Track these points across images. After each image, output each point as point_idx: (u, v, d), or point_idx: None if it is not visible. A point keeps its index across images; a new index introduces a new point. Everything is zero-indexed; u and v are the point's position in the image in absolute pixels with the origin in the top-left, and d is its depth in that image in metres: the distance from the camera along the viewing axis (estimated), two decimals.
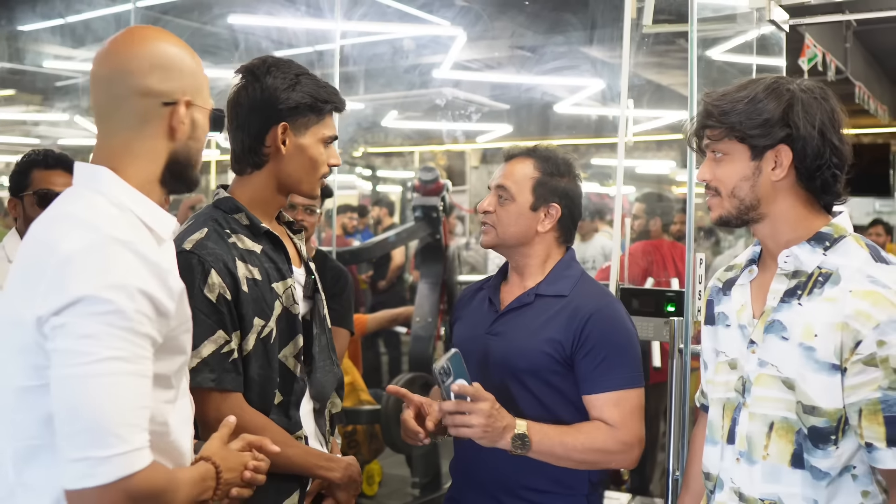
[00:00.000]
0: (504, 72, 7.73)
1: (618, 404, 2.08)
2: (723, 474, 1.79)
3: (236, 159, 2.03)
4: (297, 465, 1.96)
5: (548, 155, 2.23)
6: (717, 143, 1.74)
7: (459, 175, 12.72)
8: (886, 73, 10.16)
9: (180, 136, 1.54)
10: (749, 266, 1.85)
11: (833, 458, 1.65)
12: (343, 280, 3.48)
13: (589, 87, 7.39)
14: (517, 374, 2.12)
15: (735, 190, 1.73)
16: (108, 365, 1.29)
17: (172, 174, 1.55)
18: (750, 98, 1.69)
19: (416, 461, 5.07)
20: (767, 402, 1.70)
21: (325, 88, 2.02)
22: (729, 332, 1.83)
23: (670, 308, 3.11)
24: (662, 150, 12.29)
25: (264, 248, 1.99)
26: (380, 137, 11.45)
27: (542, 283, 2.20)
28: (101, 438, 1.27)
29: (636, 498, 4.42)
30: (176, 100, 1.52)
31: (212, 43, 6.47)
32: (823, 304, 1.65)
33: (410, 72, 6.79)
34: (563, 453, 2.03)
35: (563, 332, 2.10)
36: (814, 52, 5.96)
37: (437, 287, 5.05)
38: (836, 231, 1.71)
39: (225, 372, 1.86)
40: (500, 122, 9.17)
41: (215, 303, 1.85)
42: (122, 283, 1.32)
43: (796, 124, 1.67)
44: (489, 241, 2.24)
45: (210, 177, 11.69)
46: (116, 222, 1.41)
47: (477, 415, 1.93)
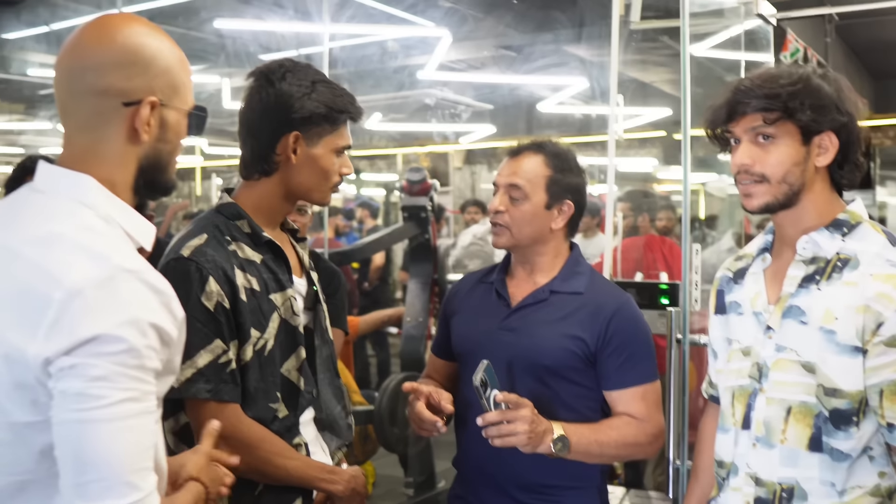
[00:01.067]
0: (488, 72, 7.76)
1: (644, 398, 2.10)
2: (737, 460, 1.81)
3: (245, 164, 1.96)
4: (296, 478, 1.91)
5: (557, 151, 2.19)
6: (768, 127, 1.70)
7: (443, 176, 12.73)
8: (866, 67, 10.27)
9: (146, 139, 1.40)
10: (762, 254, 1.86)
11: (854, 440, 1.68)
12: (336, 280, 3.48)
13: (573, 86, 7.42)
14: (538, 370, 2.11)
15: (786, 175, 1.70)
16: (120, 408, 1.22)
17: (145, 180, 1.43)
18: (805, 82, 1.68)
19: (409, 461, 5.08)
20: (786, 386, 1.72)
21: (342, 97, 1.94)
22: (742, 319, 1.84)
23: (664, 301, 3.14)
24: (645, 148, 12.35)
25: (264, 258, 1.93)
26: (364, 140, 11.46)
27: (555, 280, 2.18)
28: (114, 488, 1.21)
29: (631, 491, 4.45)
30: (138, 99, 1.38)
31: (199, 48, 6.45)
32: (843, 288, 1.67)
33: (399, 73, 6.81)
34: (599, 451, 2.05)
35: (587, 330, 2.10)
36: (796, 46, 6.02)
37: (428, 286, 5.06)
38: (853, 218, 1.74)
39: (222, 382, 1.81)
40: (483, 122, 9.20)
41: (213, 311, 1.80)
42: (134, 319, 1.25)
43: (849, 112, 1.70)
44: (503, 243, 2.18)
45: (195, 183, 11.66)
46: (118, 247, 1.32)
47: (521, 421, 1.91)
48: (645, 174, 13.04)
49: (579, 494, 2.16)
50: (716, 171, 9.70)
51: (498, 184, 2.21)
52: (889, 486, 1.70)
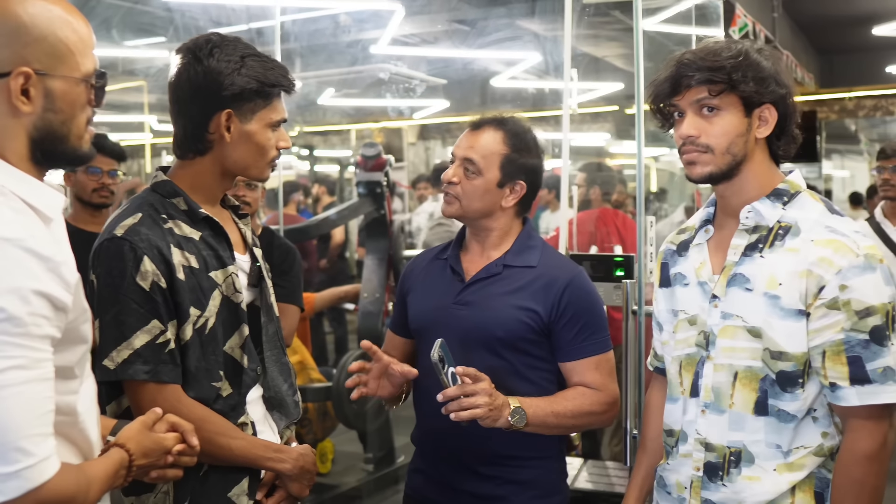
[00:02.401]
0: (442, 46, 7.72)
1: (597, 368, 2.13)
2: (686, 427, 1.86)
3: (178, 144, 1.92)
4: (241, 457, 1.89)
5: (517, 129, 2.20)
6: (712, 99, 1.75)
7: (397, 151, 12.71)
8: (812, 42, 10.42)
9: (27, 109, 1.35)
10: (704, 226, 1.91)
11: (800, 401, 1.74)
12: (291, 257, 3.47)
13: (527, 61, 7.42)
14: (492, 343, 2.13)
15: (730, 146, 1.76)
16: (6, 376, 1.22)
17: (43, 152, 1.40)
18: (745, 55, 1.74)
19: (369, 437, 5.10)
20: (733, 352, 1.78)
21: (273, 70, 1.90)
22: (688, 290, 1.89)
23: (619, 273, 3.18)
24: (598, 123, 12.43)
25: (203, 235, 1.89)
26: (317, 116, 11.37)
27: (508, 254, 2.20)
28: (5, 454, 1.22)
29: (588, 462, 4.51)
30: (8, 71, 1.33)
31: (147, 21, 6.32)
32: (786, 254, 1.73)
33: (352, 47, 6.75)
34: (556, 422, 2.07)
35: (540, 302, 2.12)
36: (744, 21, 6.10)
37: (384, 262, 5.06)
38: (793, 187, 1.80)
39: (161, 363, 1.79)
40: (437, 97, 9.17)
41: (149, 291, 1.77)
42: (13, 287, 1.23)
43: (787, 85, 1.77)
44: (452, 212, 2.20)
45: (144, 161, 11.49)
46: (2, 215, 1.29)
47: (480, 394, 1.94)
48: (598, 148, 13.13)
49: (537, 465, 2.19)
50: (667, 145, 9.80)
51: (455, 155, 2.22)
52: (831, 445, 1.77)
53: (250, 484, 1.94)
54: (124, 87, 8.94)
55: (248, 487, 1.93)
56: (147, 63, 8.04)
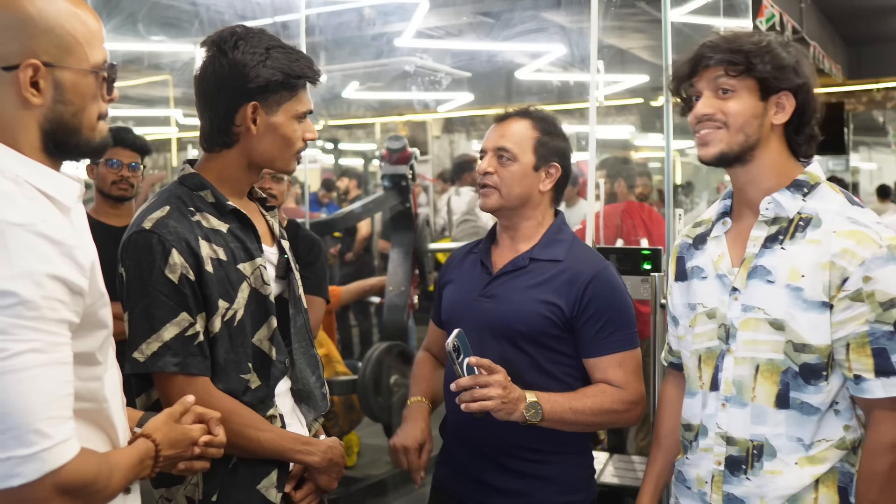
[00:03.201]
0: (466, 39, 7.70)
1: (621, 365, 2.12)
2: (706, 421, 1.85)
3: (204, 137, 1.93)
4: (270, 450, 1.89)
5: (543, 115, 2.23)
6: (731, 79, 1.77)
7: (422, 144, 12.70)
8: (840, 32, 10.29)
9: (38, 101, 1.38)
10: (722, 219, 1.91)
11: (824, 394, 1.74)
12: (316, 249, 3.48)
13: (552, 53, 7.38)
14: (513, 336, 2.13)
15: (744, 125, 1.78)
16: (21, 359, 1.23)
17: (55, 143, 1.41)
18: (766, 43, 1.77)
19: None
20: (755, 344, 1.77)
21: (299, 62, 1.90)
22: (706, 283, 1.89)
23: (647, 266, 3.15)
24: (622, 115, 12.35)
25: (231, 227, 1.90)
26: (342, 109, 11.38)
27: (535, 247, 2.20)
28: (21, 437, 1.23)
29: (614, 456, 4.49)
30: (15, 64, 1.35)
31: (172, 16, 6.34)
32: (807, 246, 1.73)
33: (377, 40, 6.74)
34: (574, 419, 2.06)
35: (563, 297, 2.12)
36: (771, 12, 6.03)
37: (410, 255, 5.06)
38: (812, 178, 1.80)
39: (190, 356, 1.80)
40: (461, 90, 9.14)
41: (177, 284, 1.79)
42: (26, 271, 1.25)
43: (806, 75, 1.78)
44: (492, 204, 2.20)
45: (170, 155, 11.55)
46: (14, 202, 1.30)
47: (494, 386, 1.94)
48: (623, 141, 13.04)
49: (563, 460, 2.18)
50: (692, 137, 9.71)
51: (486, 149, 2.23)
52: (853, 438, 1.76)
53: (279, 476, 1.94)
54: (150, 81, 8.98)
55: (277, 480, 1.94)
56: (173, 57, 8.07)
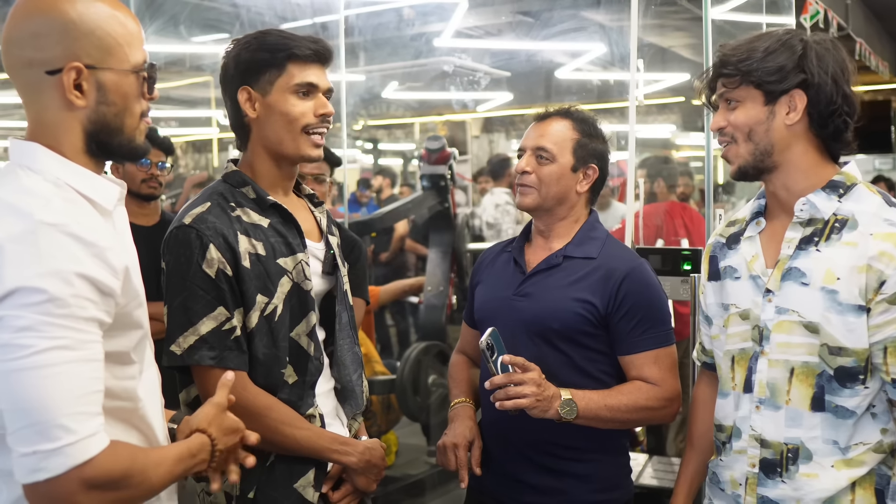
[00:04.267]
0: (505, 38, 7.67)
1: (656, 362, 2.11)
2: (740, 423, 1.83)
3: (236, 139, 2.03)
4: (306, 448, 1.90)
5: (583, 116, 2.25)
6: (732, 91, 1.78)
7: (461, 144, 12.67)
8: (887, 29, 10.11)
9: (81, 103, 1.41)
10: (756, 219, 1.88)
11: (860, 397, 1.71)
12: (357, 250, 3.49)
13: (592, 52, 7.34)
14: (548, 334, 2.14)
15: (751, 133, 1.78)
16: (48, 356, 1.25)
17: (98, 144, 1.45)
18: (765, 46, 1.75)
19: (432, 430, 5.11)
20: (789, 347, 1.75)
21: (277, 37, 1.91)
22: (739, 284, 1.86)
23: (687, 266, 3.12)
24: (663, 115, 12.25)
25: (272, 222, 1.93)
26: (381, 109, 11.42)
27: (569, 245, 2.21)
28: (46, 432, 1.24)
29: (653, 458, 4.46)
30: (59, 67, 1.39)
31: (213, 17, 6.40)
32: (843, 248, 1.70)
33: (416, 40, 6.75)
34: (609, 416, 2.06)
35: (598, 294, 2.12)
36: (816, 8, 5.93)
37: (448, 255, 5.06)
38: (848, 179, 1.77)
39: (227, 350, 1.82)
40: (501, 90, 9.12)
41: (214, 278, 1.81)
42: (55, 270, 1.27)
43: (811, 70, 1.73)
44: (530, 203, 2.21)
45: (212, 155, 11.68)
46: (50, 203, 1.33)
47: (528, 384, 1.95)
48: (663, 140, 12.93)
49: (599, 459, 2.18)
50: None
51: (525, 147, 2.24)
52: (891, 441, 1.74)
53: (316, 476, 1.95)
54: (192, 82, 9.09)
55: (315, 479, 1.95)
56: (214, 58, 8.13)
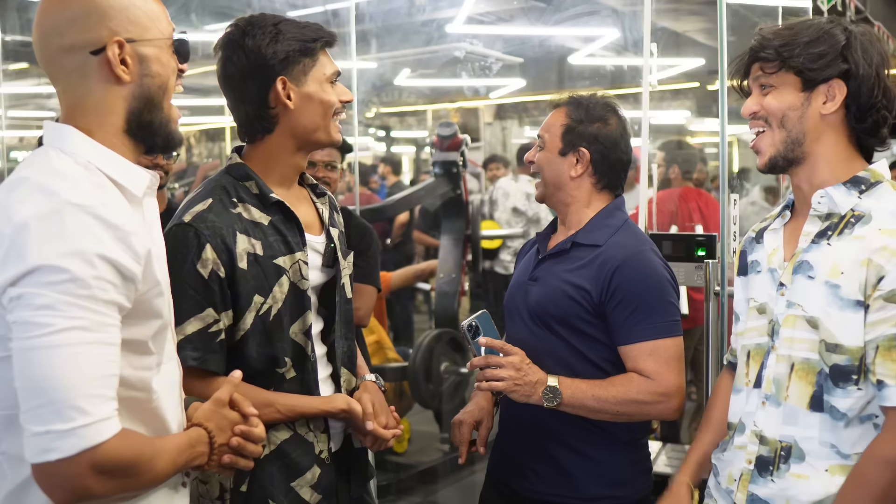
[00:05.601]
0: (518, 24, 7.63)
1: (652, 354, 2.06)
2: (745, 418, 1.79)
3: (245, 129, 1.95)
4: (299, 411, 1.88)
5: (582, 101, 2.23)
6: (769, 76, 1.74)
7: (473, 131, 12.64)
8: None
9: (127, 77, 1.43)
10: (783, 212, 1.85)
11: (853, 399, 1.64)
12: (368, 237, 3.48)
13: (605, 37, 7.29)
14: (547, 319, 2.15)
15: (784, 120, 1.73)
16: (67, 335, 1.25)
17: (139, 122, 1.46)
18: (808, 32, 1.71)
19: (444, 417, 5.11)
20: (793, 342, 1.70)
21: (308, 27, 1.92)
22: (759, 277, 1.83)
23: (701, 252, 3.09)
24: (678, 100, 12.17)
25: (273, 220, 1.90)
26: (393, 97, 11.41)
27: (580, 232, 2.20)
28: (60, 412, 1.24)
29: (667, 445, 4.44)
30: (103, 45, 1.41)
31: (224, 5, 6.39)
32: (852, 242, 1.65)
33: (427, 26, 6.72)
34: (597, 406, 2.03)
35: (592, 282, 2.10)
36: None
37: (461, 242, 5.05)
38: (874, 176, 1.71)
39: (210, 352, 1.81)
40: (513, 76, 9.08)
41: (207, 279, 1.80)
42: (78, 250, 1.27)
43: (855, 61, 1.68)
44: (539, 195, 2.29)
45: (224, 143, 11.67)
46: (78, 185, 1.34)
47: (506, 368, 1.99)
48: (678, 126, 12.86)
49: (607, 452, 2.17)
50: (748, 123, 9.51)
51: None
52: None
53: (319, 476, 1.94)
54: (204, 70, 9.07)
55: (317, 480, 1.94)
56: None
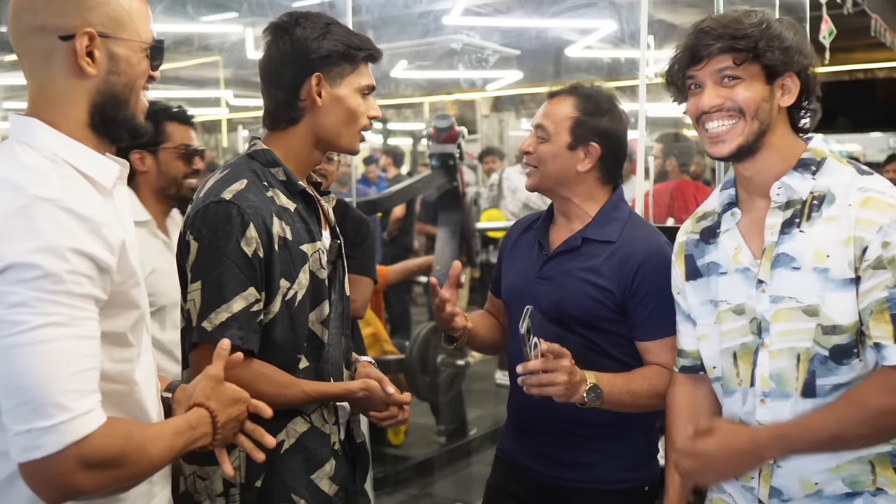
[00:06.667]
0: (514, 16, 7.61)
1: (673, 349, 2.06)
2: (746, 418, 1.80)
3: (271, 115, 1.96)
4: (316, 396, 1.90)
5: (589, 93, 2.21)
6: (736, 69, 1.71)
7: (470, 123, 12.63)
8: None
9: (92, 71, 1.40)
10: (729, 209, 1.84)
11: (855, 371, 1.67)
12: (364, 229, 3.48)
13: (602, 29, 7.28)
14: (566, 320, 2.14)
15: (758, 112, 1.73)
16: (43, 332, 1.24)
17: (102, 117, 1.44)
18: (767, 24, 1.72)
19: (441, 409, 5.12)
20: (791, 335, 1.71)
21: (358, 36, 1.95)
22: (727, 279, 1.82)
23: None
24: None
25: (298, 207, 1.92)
26: (390, 89, 11.37)
27: (589, 227, 2.19)
28: (40, 409, 1.23)
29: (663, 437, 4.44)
30: (73, 33, 1.38)
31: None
32: (826, 224, 1.67)
33: (424, 18, 6.70)
34: (631, 401, 2.05)
35: (614, 280, 2.10)
36: None
37: (457, 235, 5.04)
38: (817, 154, 1.75)
39: (252, 332, 1.81)
40: (510, 68, 9.06)
41: (250, 258, 1.80)
42: (50, 245, 1.25)
43: (810, 54, 1.74)
44: (531, 183, 2.24)
45: (221, 136, 11.66)
46: (46, 179, 1.32)
47: (561, 372, 1.92)
48: (674, 119, 12.84)
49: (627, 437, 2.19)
50: None
51: (532, 126, 2.25)
52: None
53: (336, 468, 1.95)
54: (200, 62, 9.06)
55: (334, 472, 1.95)
56: (222, 38, 8.12)
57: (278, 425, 1.85)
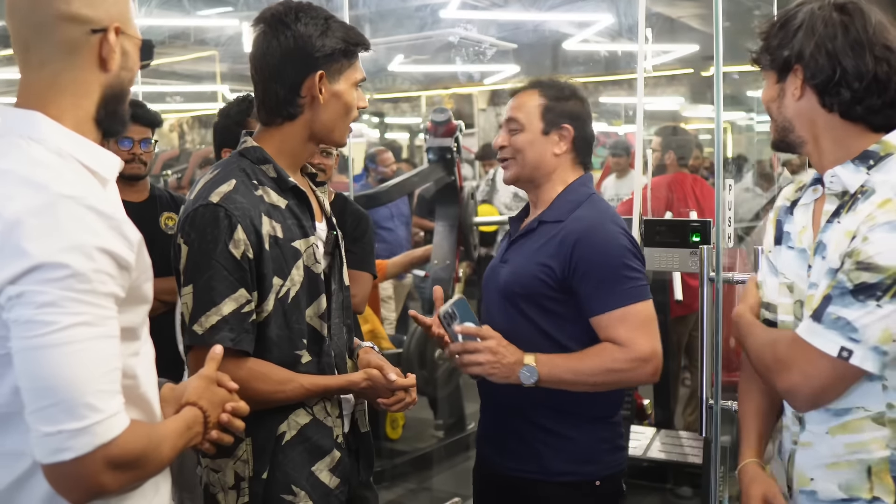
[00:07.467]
0: (512, 9, 7.61)
1: (623, 321, 2.08)
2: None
3: (266, 110, 1.94)
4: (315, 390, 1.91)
5: (553, 83, 2.28)
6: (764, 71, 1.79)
7: (468, 117, 12.61)
8: None
9: (113, 66, 1.41)
10: (814, 185, 1.81)
11: None
12: (363, 223, 3.46)
13: (599, 22, 7.27)
14: (514, 299, 2.18)
15: (770, 110, 1.78)
16: (72, 332, 1.23)
17: (107, 111, 1.44)
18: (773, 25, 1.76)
19: (439, 404, 5.11)
20: None
21: (353, 30, 1.96)
22: (790, 254, 1.81)
23: (695, 238, 3.09)
24: (672, 86, 12.14)
25: (289, 204, 1.92)
26: (387, 83, 11.36)
27: (547, 210, 2.24)
28: (72, 410, 1.22)
29: (661, 431, 4.46)
30: (105, 27, 1.39)
31: None
32: (853, 217, 1.63)
33: (421, 11, 6.69)
34: (575, 379, 2.07)
35: (555, 258, 2.13)
36: None
37: (455, 229, 5.03)
38: (885, 149, 1.67)
39: (244, 332, 1.81)
40: (507, 62, 9.05)
41: (239, 260, 1.81)
42: (77, 244, 1.25)
43: (796, 45, 1.70)
44: (510, 176, 2.28)
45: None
46: (62, 175, 1.31)
47: (483, 352, 2.02)
48: (672, 112, 12.84)
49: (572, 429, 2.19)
50: (744, 108, 9.52)
51: (502, 124, 2.31)
52: (893, 418, 1.63)
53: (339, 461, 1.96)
54: (196, 56, 9.04)
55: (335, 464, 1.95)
56: (218, 32, 8.10)
57: (280, 417, 1.89)
